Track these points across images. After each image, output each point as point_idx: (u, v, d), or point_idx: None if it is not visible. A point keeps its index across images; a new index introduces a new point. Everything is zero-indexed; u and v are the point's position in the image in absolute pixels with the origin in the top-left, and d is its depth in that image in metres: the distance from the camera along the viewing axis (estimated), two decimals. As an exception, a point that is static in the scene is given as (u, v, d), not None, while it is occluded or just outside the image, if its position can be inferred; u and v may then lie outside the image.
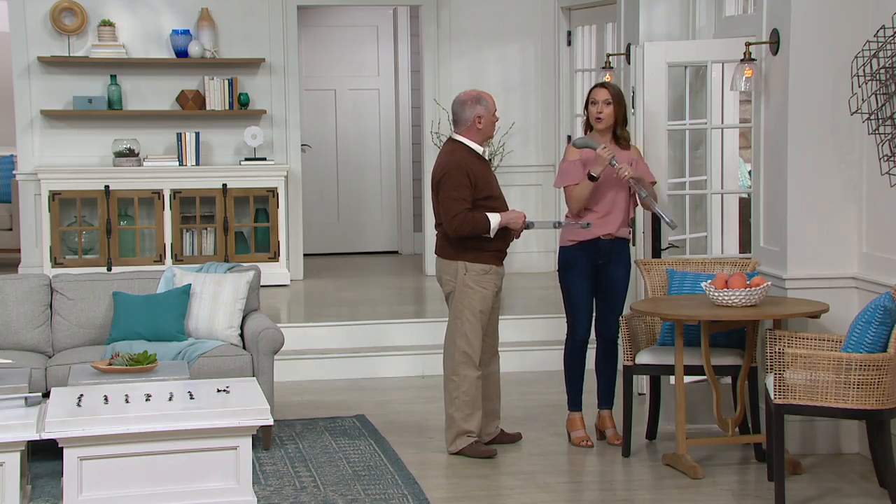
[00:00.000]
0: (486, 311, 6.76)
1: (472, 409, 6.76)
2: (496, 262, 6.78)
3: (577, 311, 6.93)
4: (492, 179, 6.78)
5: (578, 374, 7.02)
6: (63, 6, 10.45)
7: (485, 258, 6.73)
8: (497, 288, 6.81)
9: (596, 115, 6.87)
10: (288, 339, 7.66)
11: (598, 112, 6.86)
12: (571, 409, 7.05)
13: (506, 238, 6.78)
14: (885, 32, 6.38)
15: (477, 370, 6.75)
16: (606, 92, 6.88)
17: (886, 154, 6.43)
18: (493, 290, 6.78)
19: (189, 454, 5.64)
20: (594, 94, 6.91)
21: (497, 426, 6.99)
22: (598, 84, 7.03)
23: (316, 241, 12.42)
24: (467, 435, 6.77)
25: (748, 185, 9.65)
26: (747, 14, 7.92)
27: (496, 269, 6.78)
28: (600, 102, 6.86)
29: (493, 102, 6.79)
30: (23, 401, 5.83)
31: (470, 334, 6.73)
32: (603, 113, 6.85)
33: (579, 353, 7.00)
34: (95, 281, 7.42)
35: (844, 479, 6.43)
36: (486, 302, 6.76)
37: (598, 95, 6.89)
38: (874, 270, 6.61)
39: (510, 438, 7.01)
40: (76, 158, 10.57)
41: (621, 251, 6.94)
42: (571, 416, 7.05)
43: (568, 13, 11.10)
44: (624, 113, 6.91)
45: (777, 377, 5.90)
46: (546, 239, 11.27)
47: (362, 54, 12.78)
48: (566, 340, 7.03)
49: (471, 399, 6.75)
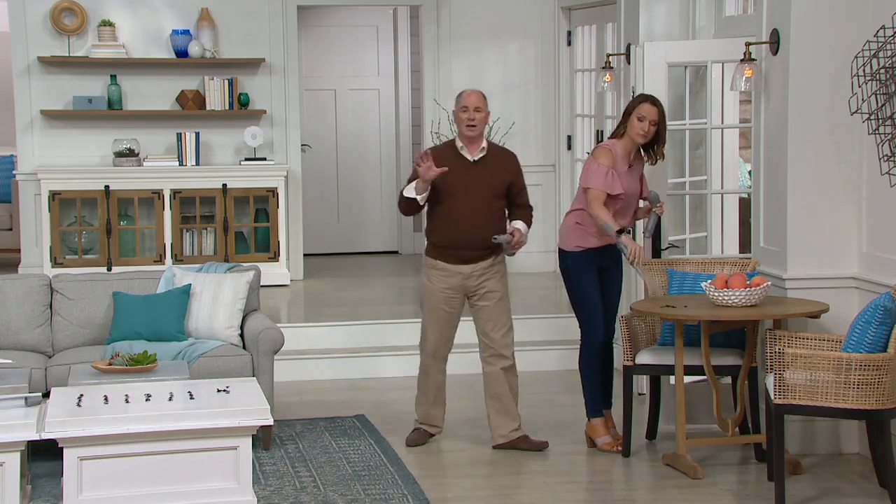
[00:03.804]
0: (436, 307, 6.87)
1: (422, 395, 7.03)
2: (443, 258, 6.81)
3: (593, 313, 6.86)
4: (456, 177, 6.72)
5: (598, 379, 6.94)
6: (63, 6, 10.45)
7: (431, 251, 6.87)
8: (450, 288, 6.84)
9: (641, 133, 6.64)
10: (288, 339, 7.66)
11: (643, 130, 6.63)
12: (593, 416, 6.96)
13: (450, 234, 6.77)
14: (885, 32, 6.39)
15: (432, 360, 6.96)
16: (657, 112, 6.65)
17: (886, 154, 6.43)
18: (440, 287, 6.83)
19: (189, 454, 5.64)
20: (643, 111, 6.64)
21: (513, 429, 6.92)
22: (649, 99, 6.72)
23: (316, 241, 12.41)
24: (415, 420, 7.10)
25: (748, 185, 9.65)
26: (747, 14, 7.93)
27: (445, 266, 6.81)
28: (647, 122, 6.63)
29: (463, 97, 6.76)
30: (23, 401, 5.83)
31: (424, 324, 6.96)
32: (648, 132, 6.66)
33: (599, 356, 6.91)
34: (95, 281, 7.42)
35: (844, 479, 6.43)
36: (431, 297, 6.86)
37: (649, 113, 6.63)
38: (874, 270, 6.61)
39: (532, 446, 6.92)
40: (76, 158, 10.57)
41: (618, 254, 6.93)
42: (594, 423, 6.96)
43: (568, 13, 11.10)
44: (664, 131, 6.73)
45: (777, 377, 5.90)
46: (546, 239, 11.27)
47: (362, 54, 12.78)
48: (582, 345, 6.94)
49: (420, 385, 7.03)
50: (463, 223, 6.75)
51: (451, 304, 6.88)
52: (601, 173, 6.65)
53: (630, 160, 6.77)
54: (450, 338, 6.99)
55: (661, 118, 6.70)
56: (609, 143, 6.80)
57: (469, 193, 6.75)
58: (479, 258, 6.82)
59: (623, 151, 6.74)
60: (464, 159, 6.79)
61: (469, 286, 6.85)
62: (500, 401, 6.93)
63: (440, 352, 6.98)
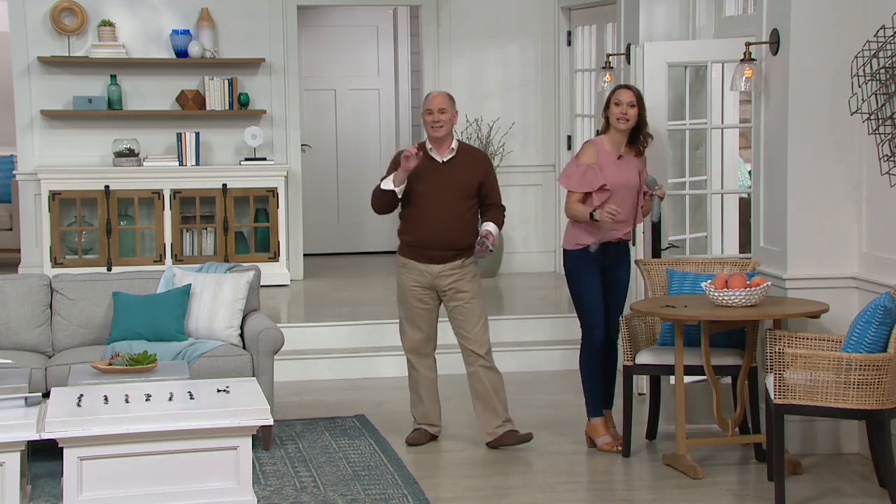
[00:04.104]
0: (410, 304, 6.93)
1: (415, 395, 7.10)
2: (413, 256, 6.89)
3: (592, 313, 6.86)
4: (426, 178, 6.79)
5: (598, 379, 6.96)
6: (63, 6, 10.45)
7: (402, 250, 6.97)
8: (420, 286, 6.89)
9: (621, 116, 6.75)
10: (288, 339, 7.65)
11: (622, 113, 6.75)
12: (593, 415, 6.97)
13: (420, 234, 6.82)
14: (885, 32, 6.38)
15: (414, 356, 7.03)
16: (632, 94, 6.79)
17: (886, 154, 6.43)
18: (411, 284, 6.89)
19: (189, 454, 5.64)
20: (619, 96, 6.79)
21: (497, 425, 6.95)
22: (623, 85, 6.97)
23: (316, 241, 12.41)
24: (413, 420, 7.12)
25: (748, 185, 9.65)
26: (747, 14, 7.93)
27: (415, 265, 6.87)
28: (625, 104, 6.75)
29: (433, 100, 6.83)
30: (23, 401, 5.83)
31: (401, 321, 7.07)
32: (629, 114, 6.75)
33: (598, 357, 6.93)
34: (95, 281, 7.42)
35: (844, 479, 6.43)
36: (404, 294, 6.94)
37: (624, 97, 6.77)
38: (874, 270, 6.61)
39: (519, 439, 6.94)
40: (76, 158, 10.56)
41: (625, 252, 6.94)
42: (593, 423, 6.97)
43: (568, 13, 11.10)
44: (644, 115, 6.85)
45: (777, 377, 5.90)
46: (546, 239, 11.27)
47: (362, 54, 12.77)
48: (582, 345, 6.95)
49: (411, 385, 7.11)
50: (431, 223, 6.82)
51: (424, 301, 6.94)
52: (577, 174, 6.79)
53: (621, 151, 6.82)
54: (430, 336, 7.03)
55: (638, 101, 6.79)
56: (596, 139, 6.94)
57: (438, 194, 6.81)
58: (447, 258, 6.87)
59: (610, 145, 6.83)
60: (433, 161, 6.86)
61: (440, 285, 6.90)
62: (483, 399, 6.96)
63: (422, 349, 7.03)
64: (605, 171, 6.75)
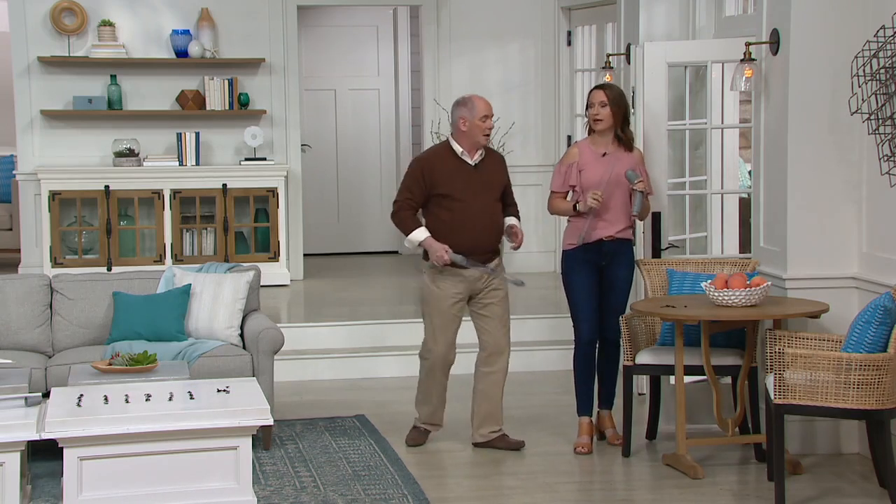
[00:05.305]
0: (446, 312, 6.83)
1: (423, 396, 7.01)
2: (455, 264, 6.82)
3: (582, 313, 6.89)
4: (461, 182, 6.74)
5: (586, 379, 6.98)
6: (63, 6, 10.45)
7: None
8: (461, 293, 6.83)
9: (594, 118, 6.86)
10: (288, 339, 7.66)
11: (594, 114, 6.85)
12: (579, 414, 7.01)
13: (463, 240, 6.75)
14: (885, 32, 6.38)
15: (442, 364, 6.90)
16: (603, 94, 6.85)
17: (886, 154, 6.43)
18: (452, 292, 6.82)
19: (189, 454, 5.64)
20: (591, 97, 6.89)
21: (494, 430, 6.95)
22: (596, 86, 7.02)
23: (316, 241, 12.41)
24: (415, 419, 7.09)
25: (748, 185, 9.65)
26: (747, 14, 7.93)
27: (455, 272, 6.79)
28: (596, 105, 6.84)
29: (482, 107, 6.75)
30: (23, 401, 5.83)
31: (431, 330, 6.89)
32: (600, 114, 6.83)
33: (586, 357, 6.96)
34: (95, 281, 7.42)
35: (844, 479, 6.43)
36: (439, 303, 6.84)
37: (595, 98, 6.87)
38: (874, 270, 6.61)
39: (509, 445, 6.94)
40: (76, 158, 10.57)
41: (623, 252, 6.93)
42: (579, 421, 7.01)
43: (568, 13, 11.10)
44: (625, 114, 6.87)
45: (777, 377, 5.90)
46: (546, 239, 11.28)
47: (362, 54, 12.78)
48: (574, 344, 6.99)
49: (424, 388, 6.99)
50: (473, 227, 6.76)
51: (461, 309, 6.91)
52: (559, 174, 6.97)
53: (606, 149, 6.87)
54: (455, 342, 6.99)
55: (612, 101, 6.83)
56: (581, 140, 7.11)
57: (476, 198, 6.77)
58: (489, 260, 6.85)
59: (594, 143, 6.91)
60: (465, 164, 6.80)
61: (477, 288, 6.86)
62: (490, 401, 6.94)
63: (450, 357, 6.95)
64: (589, 169, 6.82)
